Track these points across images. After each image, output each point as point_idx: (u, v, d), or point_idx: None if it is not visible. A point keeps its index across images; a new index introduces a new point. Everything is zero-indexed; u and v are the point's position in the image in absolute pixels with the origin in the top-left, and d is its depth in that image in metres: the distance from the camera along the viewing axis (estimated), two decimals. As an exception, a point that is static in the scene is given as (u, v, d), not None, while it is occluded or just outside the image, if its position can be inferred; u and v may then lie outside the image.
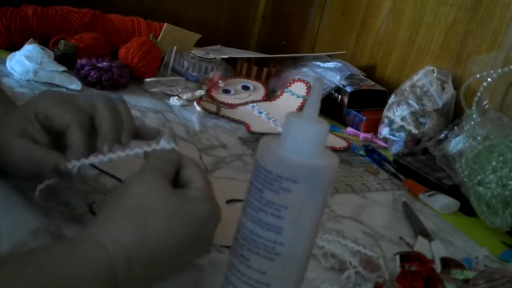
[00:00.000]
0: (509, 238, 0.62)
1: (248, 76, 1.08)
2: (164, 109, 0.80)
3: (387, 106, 0.88)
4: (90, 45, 0.89)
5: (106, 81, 0.81)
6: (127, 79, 0.86)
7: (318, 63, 1.03)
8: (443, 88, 0.85)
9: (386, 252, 0.51)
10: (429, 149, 0.77)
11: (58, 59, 0.81)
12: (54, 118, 0.42)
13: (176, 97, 0.85)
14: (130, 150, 0.40)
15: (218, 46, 1.24)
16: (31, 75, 0.76)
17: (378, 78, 1.06)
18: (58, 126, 0.42)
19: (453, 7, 0.91)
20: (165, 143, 0.39)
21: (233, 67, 1.10)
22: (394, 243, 0.54)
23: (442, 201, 0.66)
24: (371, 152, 0.80)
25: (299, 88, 0.92)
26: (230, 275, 0.34)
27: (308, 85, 0.91)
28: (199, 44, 1.12)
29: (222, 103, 0.89)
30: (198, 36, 1.10)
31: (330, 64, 1.02)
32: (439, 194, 0.67)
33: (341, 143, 0.82)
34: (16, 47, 0.83)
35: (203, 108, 0.83)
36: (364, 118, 0.92)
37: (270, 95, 0.97)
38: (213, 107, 0.84)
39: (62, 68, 0.78)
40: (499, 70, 0.77)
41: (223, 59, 1.07)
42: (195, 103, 0.85)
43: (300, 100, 0.90)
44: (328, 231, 0.52)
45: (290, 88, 0.93)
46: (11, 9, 0.90)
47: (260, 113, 0.87)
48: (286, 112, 0.32)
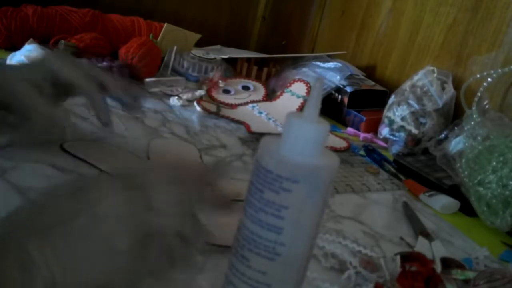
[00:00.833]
0: (509, 238, 0.62)
1: (248, 76, 1.08)
2: (164, 109, 0.80)
3: (387, 106, 0.88)
4: (90, 45, 0.89)
5: (106, 81, 0.81)
6: (127, 79, 0.86)
7: (318, 63, 1.03)
8: (443, 88, 0.85)
9: (387, 252, 0.51)
10: (429, 149, 0.77)
11: (58, 59, 0.81)
12: (70, 76, 0.51)
13: (176, 97, 0.85)
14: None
15: (218, 46, 1.24)
16: (31, 75, 0.75)
17: (378, 78, 1.06)
18: (74, 82, 0.52)
19: (453, 7, 0.91)
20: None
21: (233, 67, 1.10)
22: (395, 243, 0.54)
23: (442, 201, 0.66)
24: (371, 152, 0.80)
25: (299, 88, 0.92)
26: (230, 275, 0.34)
27: (308, 85, 0.91)
28: (199, 44, 1.12)
29: (222, 103, 0.89)
30: (198, 36, 1.10)
31: (330, 64, 1.02)
32: (439, 194, 0.67)
33: (341, 143, 0.82)
34: (16, 47, 0.83)
35: (203, 108, 0.83)
36: (364, 118, 0.92)
37: (270, 95, 0.97)
38: (213, 107, 0.84)
39: (62, 68, 0.78)
40: (499, 70, 0.77)
41: (223, 59, 1.07)
42: (195, 103, 0.85)
43: (300, 100, 0.90)
44: (328, 231, 0.52)
45: (290, 88, 0.93)
46: (11, 9, 0.90)
47: (260, 113, 0.87)
48: (286, 112, 0.32)
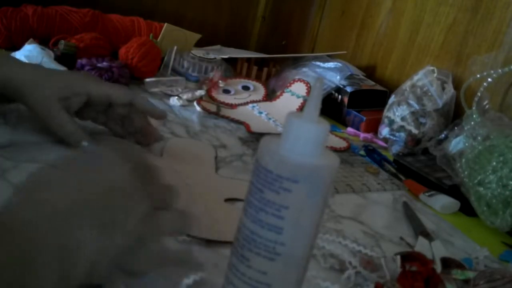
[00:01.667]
0: (509, 238, 0.62)
1: (248, 76, 1.08)
2: (164, 109, 0.80)
3: (387, 106, 0.88)
4: (90, 45, 0.89)
5: (106, 81, 0.81)
6: (127, 79, 0.86)
7: (318, 63, 1.03)
8: (443, 88, 0.85)
9: (387, 252, 0.51)
10: (429, 149, 0.77)
11: (58, 59, 0.81)
12: (113, 96, 0.55)
13: (176, 97, 0.85)
14: None
15: (218, 46, 1.24)
16: (31, 75, 0.75)
17: (378, 78, 1.06)
18: (117, 101, 0.56)
19: (453, 7, 0.91)
20: None
21: (233, 67, 1.10)
22: (395, 243, 0.54)
23: (443, 201, 0.66)
24: (371, 152, 0.80)
25: (299, 88, 0.92)
26: (230, 275, 0.34)
27: (308, 85, 0.91)
28: (199, 44, 1.12)
29: (222, 103, 0.89)
30: (198, 36, 1.10)
31: (330, 64, 1.02)
32: (439, 194, 0.67)
33: (341, 143, 0.82)
34: (16, 47, 0.83)
35: (203, 108, 0.83)
36: (364, 118, 0.92)
37: (270, 95, 0.97)
38: (213, 107, 0.84)
39: (62, 68, 0.78)
40: (499, 70, 0.77)
41: (223, 59, 1.07)
42: (195, 103, 0.85)
43: (300, 100, 0.90)
44: (328, 231, 0.52)
45: (290, 88, 0.93)
46: (11, 9, 0.90)
47: (260, 113, 0.87)
48: (286, 112, 0.32)
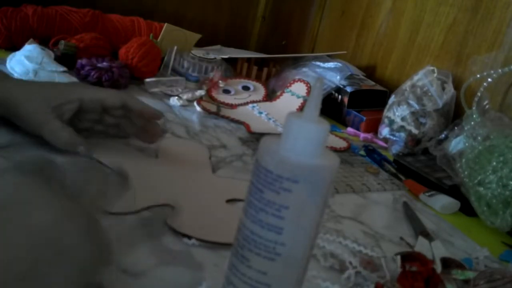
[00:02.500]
0: (509, 238, 0.62)
1: (248, 76, 1.08)
2: (164, 109, 0.80)
3: (387, 106, 0.88)
4: (90, 45, 0.89)
5: (106, 81, 0.81)
6: (127, 79, 0.86)
7: (318, 63, 1.03)
8: (443, 88, 0.85)
9: (387, 252, 0.51)
10: (429, 149, 0.77)
11: (58, 59, 0.81)
12: (105, 99, 0.56)
13: (176, 97, 0.85)
14: None
15: (218, 46, 1.24)
16: (31, 76, 0.75)
17: (378, 78, 1.06)
18: (109, 105, 0.56)
19: (453, 7, 0.91)
20: None
21: (233, 67, 1.10)
22: (395, 243, 0.54)
23: (443, 201, 0.66)
24: (371, 152, 0.80)
25: (299, 88, 0.92)
26: (230, 275, 0.34)
27: (308, 85, 0.91)
28: (199, 44, 1.12)
29: (222, 103, 0.89)
30: (198, 36, 1.10)
31: (330, 64, 1.02)
32: (440, 194, 0.67)
33: (341, 143, 0.82)
34: (16, 47, 0.83)
35: (203, 108, 0.83)
36: (364, 118, 0.92)
37: (270, 95, 0.97)
38: (213, 107, 0.84)
39: (62, 68, 0.78)
40: (499, 70, 0.77)
41: (223, 59, 1.07)
42: (195, 103, 0.85)
43: (300, 100, 0.90)
44: (328, 231, 0.52)
45: (290, 88, 0.93)
46: (11, 9, 0.90)
47: (260, 113, 0.87)
48: (286, 112, 0.32)
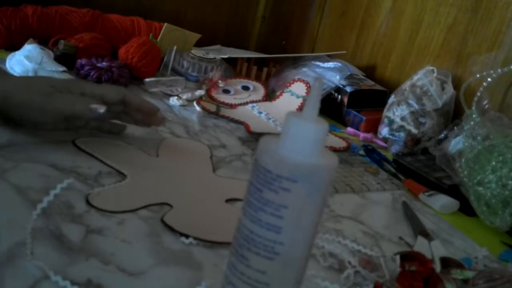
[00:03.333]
0: (508, 238, 0.62)
1: (248, 76, 1.08)
2: (164, 109, 0.80)
3: (387, 106, 0.88)
4: (90, 45, 0.89)
5: (106, 81, 0.81)
6: (127, 79, 0.86)
7: (318, 63, 1.03)
8: (443, 88, 0.85)
9: (386, 252, 0.51)
10: (429, 149, 0.77)
11: (58, 59, 0.81)
12: (106, 95, 0.57)
13: (176, 97, 0.85)
14: None
15: (218, 46, 1.24)
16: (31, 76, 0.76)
17: (378, 78, 1.06)
18: (109, 100, 0.57)
19: (453, 7, 0.91)
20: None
21: (233, 67, 1.10)
22: (394, 243, 0.54)
23: (442, 201, 0.66)
24: (371, 152, 0.80)
25: (299, 88, 0.92)
26: (229, 275, 0.34)
27: (308, 85, 0.91)
28: (199, 44, 1.12)
29: (222, 103, 0.89)
30: (198, 36, 1.10)
31: (330, 64, 1.02)
32: (439, 194, 0.67)
33: (341, 143, 0.82)
34: (16, 47, 0.83)
35: (203, 108, 0.83)
36: (364, 118, 0.92)
37: (270, 95, 0.97)
38: (213, 107, 0.84)
39: (62, 68, 0.78)
40: (499, 70, 0.77)
41: (223, 59, 1.07)
42: (195, 103, 0.85)
43: (300, 100, 0.90)
44: (328, 231, 0.52)
45: (290, 88, 0.93)
46: (11, 9, 0.90)
47: (260, 113, 0.87)
48: (285, 112, 0.32)
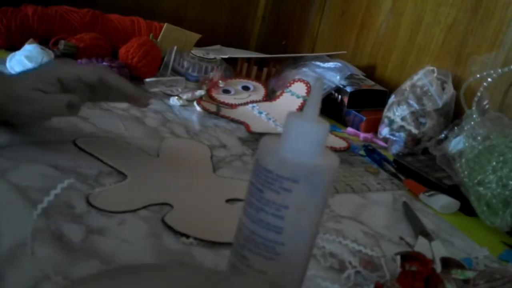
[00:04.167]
0: (509, 238, 0.62)
1: (248, 76, 1.08)
2: (164, 109, 0.80)
3: (387, 106, 0.88)
4: (90, 45, 0.89)
5: (106, 81, 0.81)
6: (127, 79, 0.85)
7: (318, 63, 1.03)
8: (443, 88, 0.85)
9: (386, 252, 0.51)
10: (429, 149, 0.77)
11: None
12: (83, 75, 0.54)
13: (176, 97, 0.85)
14: None
15: (218, 46, 1.24)
16: (31, 75, 0.75)
17: (378, 78, 1.06)
18: (87, 81, 0.55)
19: (453, 7, 0.91)
20: None
21: (233, 67, 1.10)
22: (394, 243, 0.54)
23: (442, 201, 0.66)
24: (371, 152, 0.80)
25: (299, 88, 0.92)
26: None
27: (308, 85, 0.91)
28: (199, 44, 1.12)
29: (222, 103, 0.89)
30: (198, 36, 1.10)
31: (330, 64, 1.02)
32: (439, 194, 0.67)
33: (341, 143, 0.82)
34: (16, 47, 0.83)
35: (203, 108, 0.83)
36: (364, 118, 0.92)
37: (270, 95, 0.97)
38: (213, 107, 0.84)
39: (62, 68, 0.78)
40: (499, 70, 0.77)
41: (223, 59, 1.07)
42: (195, 103, 0.85)
43: (300, 100, 0.90)
44: (328, 231, 0.52)
45: (290, 88, 0.93)
46: (11, 9, 0.90)
47: (260, 113, 0.87)
48: (286, 112, 0.32)
